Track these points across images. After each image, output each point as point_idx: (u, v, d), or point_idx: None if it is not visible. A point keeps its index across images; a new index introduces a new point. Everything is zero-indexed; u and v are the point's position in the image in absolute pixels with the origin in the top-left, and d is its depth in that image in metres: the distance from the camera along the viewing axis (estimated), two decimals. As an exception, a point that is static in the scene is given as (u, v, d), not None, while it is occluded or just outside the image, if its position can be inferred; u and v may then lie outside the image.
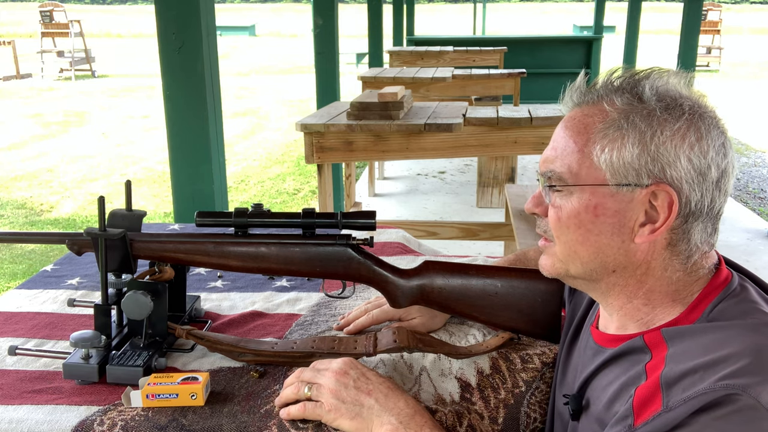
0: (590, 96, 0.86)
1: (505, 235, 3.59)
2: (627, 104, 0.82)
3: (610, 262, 0.85)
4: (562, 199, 0.85)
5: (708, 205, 0.81)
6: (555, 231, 0.87)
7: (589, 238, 0.84)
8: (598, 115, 0.84)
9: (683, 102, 0.81)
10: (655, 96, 0.82)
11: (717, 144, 0.80)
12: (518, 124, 3.21)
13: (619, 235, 0.83)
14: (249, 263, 1.14)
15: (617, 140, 0.81)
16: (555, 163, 0.86)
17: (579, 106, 0.87)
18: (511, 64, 7.18)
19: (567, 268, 0.89)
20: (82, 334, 1.10)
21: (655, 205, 0.81)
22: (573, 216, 0.84)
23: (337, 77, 4.93)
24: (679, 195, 0.79)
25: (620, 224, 0.82)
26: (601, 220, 0.83)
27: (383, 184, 6.33)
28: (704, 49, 16.40)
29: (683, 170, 0.79)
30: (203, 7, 2.31)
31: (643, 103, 0.82)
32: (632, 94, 0.83)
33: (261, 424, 0.99)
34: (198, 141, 2.42)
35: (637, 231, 0.82)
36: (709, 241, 0.84)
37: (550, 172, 0.87)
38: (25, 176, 6.94)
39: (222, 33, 28.06)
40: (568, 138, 0.86)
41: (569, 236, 0.86)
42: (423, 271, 1.17)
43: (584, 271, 0.87)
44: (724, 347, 0.73)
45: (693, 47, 7.44)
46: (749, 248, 4.62)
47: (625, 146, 0.80)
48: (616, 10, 23.79)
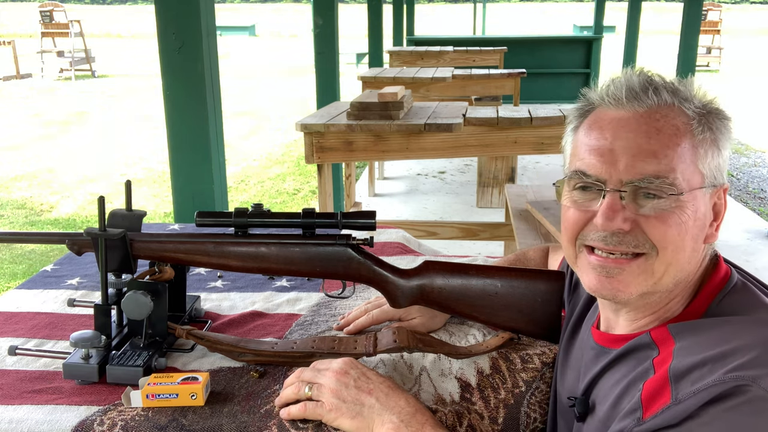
0: (657, 98, 0.82)
1: (505, 235, 3.59)
2: (699, 110, 0.83)
3: (689, 267, 0.83)
4: (670, 204, 0.80)
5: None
6: (662, 241, 0.80)
7: (687, 242, 0.81)
8: (679, 117, 0.82)
9: (719, 106, 0.86)
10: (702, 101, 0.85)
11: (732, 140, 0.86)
12: (518, 124, 3.21)
13: (701, 236, 0.83)
14: (249, 263, 1.14)
15: (712, 142, 0.82)
16: (659, 167, 0.79)
17: (643, 107, 0.82)
18: (511, 64, 7.18)
19: (657, 283, 0.82)
20: (82, 334, 1.11)
21: (717, 203, 0.84)
22: (683, 222, 0.80)
23: (337, 77, 4.93)
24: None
25: (703, 225, 0.83)
26: (696, 225, 0.82)
27: (383, 184, 6.33)
28: (704, 49, 16.40)
29: (725, 167, 0.86)
30: (203, 7, 2.31)
31: (709, 110, 0.84)
32: (683, 97, 0.83)
33: (261, 424, 0.99)
34: (198, 141, 2.42)
35: (708, 230, 0.84)
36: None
37: (656, 177, 0.79)
38: (25, 176, 6.94)
39: (222, 33, 28.07)
40: (667, 139, 0.80)
41: (678, 243, 0.80)
42: (423, 271, 1.17)
43: (673, 282, 0.83)
44: (733, 340, 0.74)
45: (693, 47, 7.44)
46: (749, 248, 4.62)
47: (719, 149, 0.83)
48: (616, 10, 23.80)
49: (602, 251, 0.83)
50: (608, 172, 0.81)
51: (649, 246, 0.81)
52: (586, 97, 0.90)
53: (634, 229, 0.81)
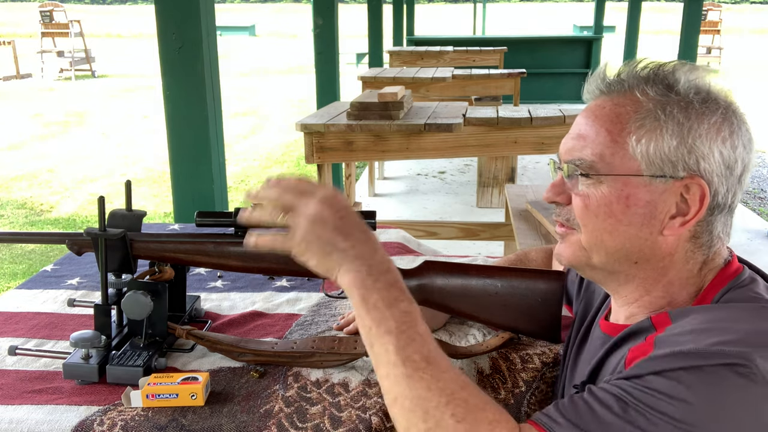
0: (619, 85, 0.85)
1: (505, 235, 3.59)
2: (662, 95, 0.82)
3: (634, 253, 0.84)
4: (591, 187, 0.84)
5: (731, 198, 0.82)
6: (581, 219, 0.86)
7: (618, 228, 0.83)
8: (631, 105, 0.83)
9: (716, 94, 0.82)
10: (692, 89, 0.82)
11: (745, 139, 0.82)
12: (518, 124, 3.21)
13: (648, 227, 0.82)
14: (249, 263, 1.14)
15: (655, 131, 0.81)
16: (584, 152, 0.85)
17: (607, 95, 0.86)
18: (511, 64, 7.18)
19: (590, 257, 0.87)
20: (82, 334, 1.10)
21: (687, 198, 0.81)
22: (603, 205, 0.83)
23: (337, 77, 4.93)
24: (710, 188, 0.80)
25: (651, 215, 0.82)
26: (632, 211, 0.82)
27: (383, 184, 6.33)
28: (704, 49, 16.40)
29: (715, 164, 0.80)
30: (203, 7, 2.31)
31: (679, 95, 0.81)
32: (665, 85, 0.82)
33: (261, 424, 0.99)
34: (198, 141, 2.42)
35: (667, 223, 0.82)
36: (728, 233, 0.85)
37: (579, 160, 0.85)
38: (25, 176, 6.94)
39: (222, 33, 28.06)
40: (599, 127, 0.84)
41: (597, 225, 0.84)
42: (423, 271, 1.17)
43: (607, 261, 0.86)
44: (720, 322, 0.75)
45: (693, 47, 7.45)
46: (749, 248, 4.62)
47: (663, 137, 0.80)
48: (616, 10, 23.80)
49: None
50: (561, 151, 0.90)
51: (576, 223, 0.87)
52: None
53: (570, 205, 0.88)
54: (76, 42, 15.33)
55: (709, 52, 17.06)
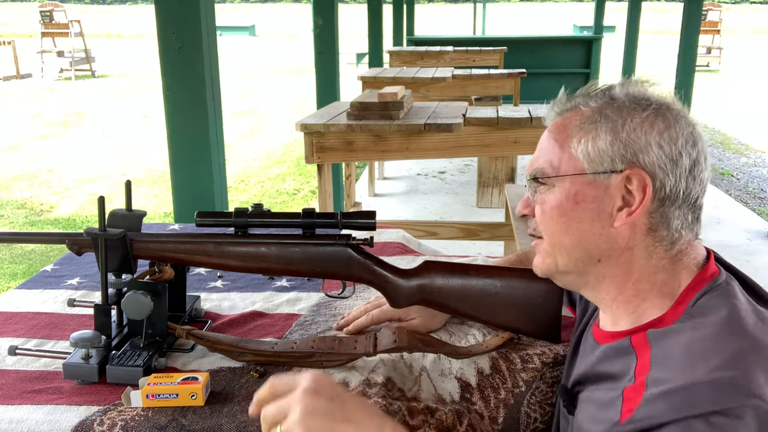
0: (569, 104, 0.93)
1: (505, 235, 3.59)
2: (600, 103, 0.89)
3: (593, 250, 0.88)
4: (546, 193, 0.91)
5: (684, 191, 0.84)
6: (541, 225, 0.92)
7: (571, 226, 0.88)
8: (576, 116, 0.90)
9: (650, 97, 0.88)
10: (625, 94, 0.89)
11: (686, 132, 0.85)
12: (518, 124, 3.21)
13: (599, 221, 0.87)
14: (249, 263, 1.14)
15: (591, 131, 0.87)
16: (539, 162, 0.92)
17: (560, 114, 0.93)
18: (511, 64, 7.17)
19: (555, 262, 0.92)
20: (82, 334, 1.11)
21: (631, 189, 0.84)
22: (556, 206, 0.89)
23: (337, 77, 4.93)
24: (653, 179, 0.84)
25: (599, 210, 0.86)
26: (581, 207, 0.87)
27: (383, 184, 6.32)
28: (704, 49, 16.39)
29: (655, 155, 0.84)
30: (203, 7, 2.31)
31: (614, 101, 0.88)
32: (605, 95, 0.90)
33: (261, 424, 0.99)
34: (198, 141, 2.42)
35: (616, 215, 0.86)
36: (692, 229, 0.87)
37: (535, 170, 0.92)
38: (25, 176, 6.94)
39: (222, 33, 28.06)
40: (550, 138, 0.92)
41: (553, 226, 0.90)
42: (423, 271, 1.17)
43: (570, 261, 0.90)
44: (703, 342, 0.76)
45: (693, 47, 7.44)
46: (749, 248, 4.62)
47: (599, 135, 0.86)
48: (616, 10, 23.79)
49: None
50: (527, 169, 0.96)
51: (539, 230, 0.94)
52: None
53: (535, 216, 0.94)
54: (76, 42, 15.33)
55: (709, 52, 17.06)
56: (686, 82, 7.40)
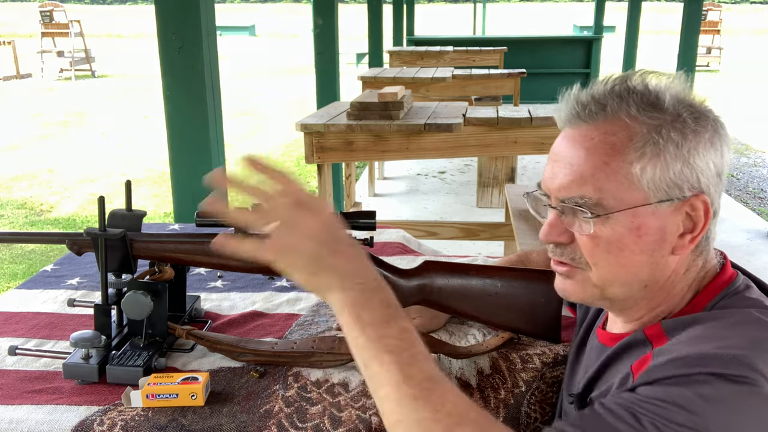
0: (600, 110, 0.81)
1: (505, 235, 3.59)
2: (651, 116, 0.79)
3: (645, 278, 0.83)
4: (598, 224, 0.80)
5: (719, 202, 0.82)
6: (591, 258, 0.82)
7: (632, 259, 0.81)
8: (623, 132, 0.79)
9: (704, 109, 0.81)
10: (680, 104, 0.80)
11: (728, 143, 0.82)
12: (518, 124, 3.21)
13: (659, 251, 0.81)
14: (249, 263, 1.14)
15: (656, 157, 0.78)
16: (585, 189, 0.80)
17: (588, 122, 0.82)
18: (511, 64, 7.17)
19: (603, 292, 0.85)
20: (82, 334, 1.11)
21: (691, 215, 0.80)
22: (615, 240, 0.80)
23: (337, 77, 4.93)
24: (710, 199, 0.80)
25: (662, 240, 0.80)
26: (644, 240, 0.80)
27: (383, 184, 6.32)
28: (704, 49, 16.40)
29: (710, 175, 0.80)
30: (203, 7, 2.31)
31: (670, 114, 0.79)
32: (648, 103, 0.80)
33: (261, 424, 0.99)
34: (198, 141, 2.42)
35: (676, 242, 0.81)
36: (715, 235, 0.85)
37: (581, 198, 0.80)
38: (25, 176, 6.94)
39: (222, 33, 28.06)
40: (596, 159, 0.80)
41: (610, 260, 0.82)
42: (423, 271, 1.17)
43: (622, 292, 0.84)
44: (716, 330, 0.75)
45: (693, 47, 7.44)
46: (749, 248, 4.62)
47: (667, 162, 0.78)
48: (616, 10, 23.80)
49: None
50: (549, 188, 0.85)
51: (583, 262, 0.84)
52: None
53: (574, 243, 0.84)
54: (76, 42, 15.33)
55: (709, 52, 17.06)
56: (686, 82, 7.38)
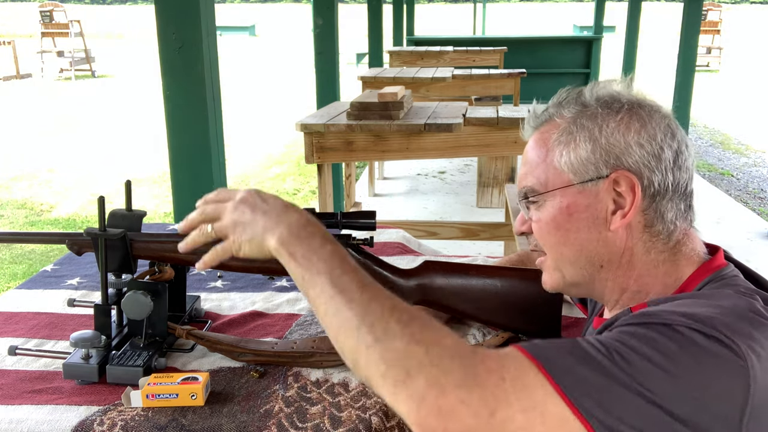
0: (543, 116, 0.94)
1: (505, 235, 3.59)
2: (574, 112, 0.90)
3: (594, 256, 0.89)
4: (539, 210, 0.92)
5: (672, 183, 0.86)
6: (541, 241, 0.93)
7: (569, 237, 0.89)
8: (554, 129, 0.92)
9: (621, 97, 0.89)
10: (595, 99, 0.90)
11: (662, 126, 0.87)
12: (518, 124, 3.17)
13: (595, 228, 0.88)
14: (249, 263, 1.14)
15: (570, 142, 0.89)
16: (527, 179, 0.93)
17: (537, 129, 0.95)
18: (511, 64, 7.17)
19: (562, 275, 0.93)
20: (82, 334, 1.11)
21: (621, 192, 0.86)
22: (550, 221, 0.90)
23: (337, 77, 4.93)
24: (640, 178, 0.85)
25: (593, 217, 0.88)
26: (575, 217, 0.89)
27: (383, 184, 6.32)
28: (704, 49, 16.39)
29: (637, 155, 0.85)
30: (203, 7, 2.31)
31: (586, 107, 0.90)
32: (576, 102, 0.91)
33: (261, 424, 0.99)
34: (198, 141, 2.42)
35: (610, 219, 0.87)
36: (686, 218, 0.88)
37: (524, 188, 0.93)
38: (25, 176, 6.94)
39: (222, 33, 28.06)
40: (533, 155, 0.93)
41: (552, 240, 0.91)
42: (423, 271, 1.17)
43: (575, 271, 0.92)
44: (704, 298, 0.79)
45: (693, 47, 7.44)
46: (749, 248, 4.62)
47: (579, 145, 0.88)
48: (616, 10, 23.80)
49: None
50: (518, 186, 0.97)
51: (540, 246, 0.95)
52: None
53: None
54: (76, 42, 15.33)
55: (709, 52, 17.05)
56: (686, 82, 7.40)
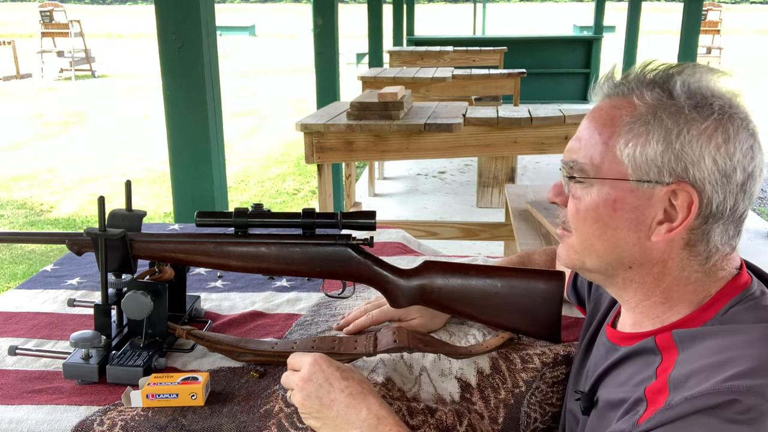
0: (621, 88, 0.84)
1: (505, 235, 3.59)
2: (656, 99, 0.80)
3: (625, 258, 0.84)
4: (582, 190, 0.84)
5: (731, 207, 0.79)
6: (573, 222, 0.87)
7: (606, 232, 0.83)
8: (626, 108, 0.82)
9: (714, 101, 0.79)
10: (686, 93, 0.80)
11: (745, 146, 0.78)
12: (518, 124, 3.21)
13: (635, 232, 0.82)
14: (249, 263, 1.14)
15: (642, 135, 0.79)
16: (578, 154, 0.85)
17: (609, 97, 0.85)
18: (511, 64, 7.17)
19: (583, 261, 0.88)
20: (82, 334, 1.11)
21: (675, 204, 0.79)
22: (591, 209, 0.83)
23: (337, 77, 4.93)
24: (701, 196, 0.78)
25: (638, 220, 0.81)
26: (619, 215, 0.82)
27: (383, 184, 6.32)
28: (704, 49, 16.39)
29: (707, 171, 0.77)
30: (203, 7, 2.31)
31: (672, 99, 0.80)
32: (663, 89, 0.81)
33: (261, 424, 0.99)
34: (198, 141, 2.42)
35: (655, 229, 0.81)
36: (731, 243, 0.83)
37: (573, 162, 0.85)
38: (25, 176, 6.94)
39: (222, 33, 28.04)
40: (593, 130, 0.84)
41: (586, 229, 0.85)
42: (423, 271, 1.17)
43: (600, 264, 0.86)
44: (732, 349, 0.73)
45: (693, 47, 7.44)
46: (749, 248, 4.62)
47: (650, 142, 0.79)
48: (616, 10, 23.79)
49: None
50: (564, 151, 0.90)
51: (570, 226, 0.88)
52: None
53: (566, 208, 0.88)
54: (76, 42, 15.32)
55: (709, 52, 17.04)
56: (686, 82, 7.38)
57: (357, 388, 0.94)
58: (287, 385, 0.99)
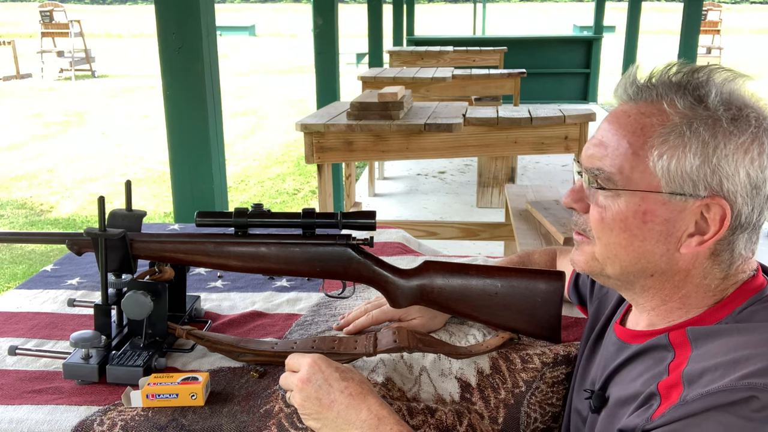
0: (648, 92, 0.81)
1: (505, 235, 3.59)
2: (690, 109, 0.78)
3: (650, 268, 0.83)
4: (608, 199, 0.82)
5: (756, 218, 0.79)
6: (596, 231, 0.84)
7: (633, 243, 0.81)
8: (657, 116, 0.79)
9: (749, 113, 0.78)
10: (722, 104, 0.78)
11: None
12: (518, 124, 3.21)
13: (664, 243, 0.80)
14: (249, 263, 1.14)
15: (678, 148, 0.77)
16: (604, 162, 0.82)
17: (635, 101, 0.82)
18: (511, 64, 7.18)
19: (603, 268, 0.86)
20: (82, 334, 1.11)
21: (707, 217, 0.78)
22: (619, 219, 0.81)
23: (337, 77, 4.93)
24: (732, 208, 0.77)
25: (668, 233, 0.80)
26: (648, 227, 0.80)
27: (383, 184, 6.33)
28: (704, 49, 16.38)
29: (740, 184, 0.77)
30: (203, 7, 2.31)
31: (708, 110, 0.78)
32: (695, 97, 0.79)
33: (261, 424, 0.99)
34: (198, 141, 2.42)
35: (684, 241, 0.80)
36: (752, 249, 0.82)
37: (598, 170, 0.82)
38: (25, 176, 6.94)
39: (222, 33, 28.05)
40: (621, 137, 0.81)
41: (612, 238, 0.83)
42: (423, 271, 1.17)
43: (621, 273, 0.85)
44: (748, 347, 0.73)
45: (693, 47, 7.44)
46: (749, 248, 4.61)
47: (686, 156, 0.77)
48: (616, 10, 23.79)
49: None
50: (582, 156, 0.87)
51: (591, 234, 0.86)
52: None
53: (587, 214, 0.86)
54: (76, 42, 15.32)
55: (709, 52, 17.04)
56: (686, 82, 7.39)
57: (357, 389, 0.93)
58: (286, 386, 0.99)
